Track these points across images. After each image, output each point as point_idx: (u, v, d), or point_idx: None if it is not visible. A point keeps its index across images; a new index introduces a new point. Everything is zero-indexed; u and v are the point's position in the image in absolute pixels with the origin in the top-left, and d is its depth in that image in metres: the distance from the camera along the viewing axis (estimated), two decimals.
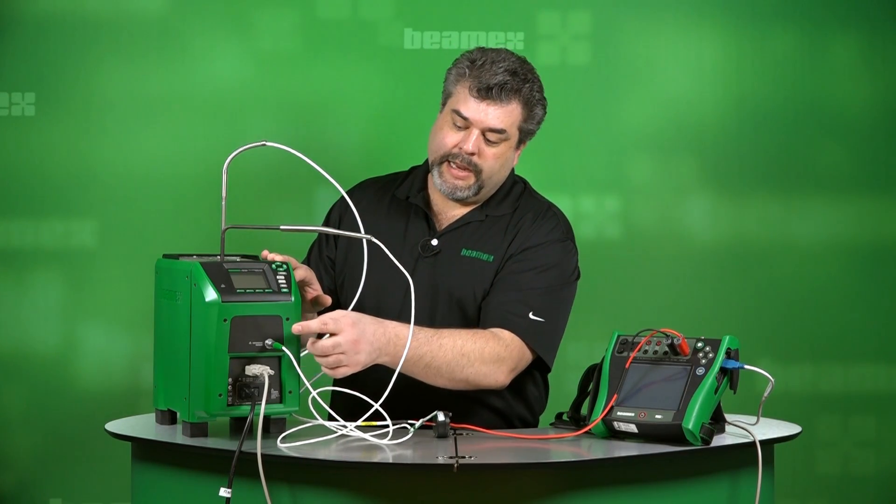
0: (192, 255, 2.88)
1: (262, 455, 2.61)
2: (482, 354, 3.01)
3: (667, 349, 2.86)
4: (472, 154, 3.12)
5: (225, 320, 2.70)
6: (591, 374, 2.96)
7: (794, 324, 4.21)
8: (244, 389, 2.71)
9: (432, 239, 3.20)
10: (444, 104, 3.20)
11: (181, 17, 4.04)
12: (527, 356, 3.08)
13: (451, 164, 3.15)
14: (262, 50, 4.07)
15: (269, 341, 2.73)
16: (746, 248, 4.19)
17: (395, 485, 2.66)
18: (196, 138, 4.05)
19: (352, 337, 2.81)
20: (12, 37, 4.01)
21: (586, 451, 2.79)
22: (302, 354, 2.80)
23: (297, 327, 2.77)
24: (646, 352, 2.88)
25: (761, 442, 2.80)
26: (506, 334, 3.06)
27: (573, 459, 2.73)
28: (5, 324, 4.03)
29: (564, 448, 2.81)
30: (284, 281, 2.78)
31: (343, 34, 4.08)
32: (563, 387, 3.36)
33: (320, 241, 3.29)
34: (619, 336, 2.94)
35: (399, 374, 2.89)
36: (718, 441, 2.81)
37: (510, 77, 3.12)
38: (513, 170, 3.25)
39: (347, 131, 4.09)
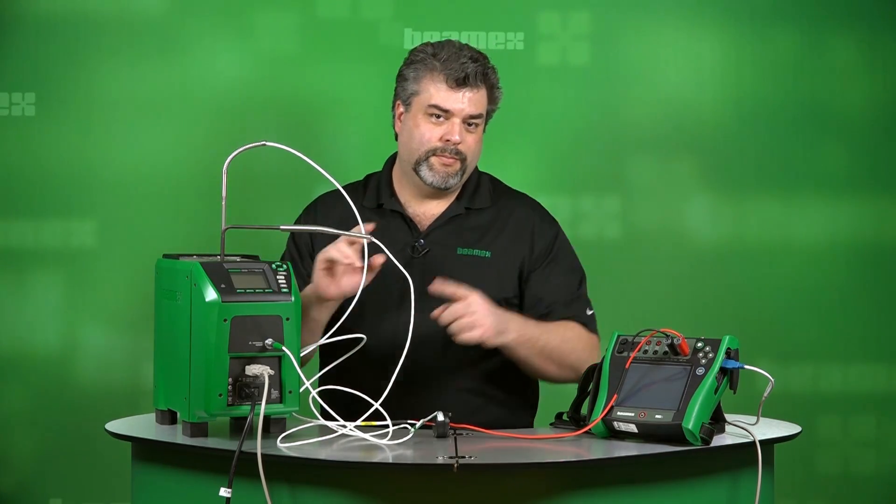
0: (192, 255, 2.88)
1: (262, 455, 2.61)
2: (580, 343, 3.19)
3: (667, 349, 2.86)
4: (458, 143, 3.20)
5: (225, 320, 2.70)
6: (592, 374, 2.96)
7: (794, 324, 4.21)
8: (244, 389, 2.71)
9: (418, 240, 3.22)
10: (405, 103, 3.24)
11: (181, 18, 4.04)
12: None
13: (440, 155, 3.21)
14: (262, 50, 4.07)
15: (269, 341, 2.73)
16: (746, 248, 4.19)
17: (395, 485, 2.66)
18: (196, 138, 4.05)
19: (481, 301, 2.99)
20: (12, 37, 4.01)
21: (586, 451, 2.79)
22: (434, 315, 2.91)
23: (435, 287, 2.97)
24: (646, 352, 2.88)
25: (761, 442, 2.80)
26: (579, 327, 3.22)
27: (573, 459, 2.73)
28: (5, 324, 4.03)
29: (564, 448, 2.81)
30: (284, 281, 2.78)
31: (343, 34, 4.08)
32: (563, 387, 3.36)
33: (294, 260, 3.26)
34: (618, 336, 2.94)
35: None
36: (718, 441, 2.81)
37: (476, 63, 3.21)
38: None
39: (347, 131, 4.09)
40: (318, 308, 3.05)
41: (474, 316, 2.99)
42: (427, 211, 3.28)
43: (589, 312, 3.26)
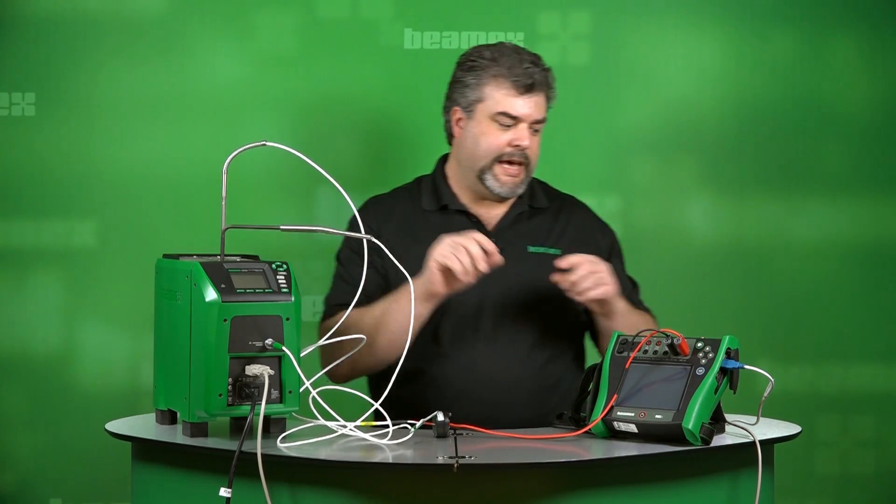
0: (192, 255, 2.88)
1: (262, 455, 2.61)
2: (654, 323, 3.31)
3: (667, 349, 2.86)
4: (527, 147, 3.24)
5: (225, 320, 2.71)
6: (592, 374, 2.96)
7: (794, 324, 4.21)
8: (244, 389, 2.71)
9: (490, 238, 3.25)
10: (466, 109, 3.26)
11: (181, 18, 4.04)
12: None
13: (504, 163, 3.24)
14: (262, 50, 4.07)
15: (269, 341, 2.73)
16: (746, 248, 4.19)
17: (395, 485, 2.66)
18: (196, 138, 4.05)
19: (602, 261, 3.12)
20: (12, 37, 4.01)
21: (586, 451, 2.80)
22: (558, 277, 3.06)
23: (564, 262, 3.08)
24: (646, 352, 2.88)
25: (761, 442, 2.81)
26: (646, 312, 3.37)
27: (573, 459, 2.74)
28: (5, 324, 4.03)
29: (564, 448, 2.81)
30: (284, 281, 2.78)
31: (343, 34, 4.08)
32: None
33: (361, 257, 3.27)
34: (619, 336, 2.94)
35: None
36: (718, 441, 2.81)
37: (537, 68, 3.26)
38: None
39: (347, 131, 4.09)
40: (423, 304, 3.07)
41: (601, 273, 3.09)
42: (490, 211, 3.32)
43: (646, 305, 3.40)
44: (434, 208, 3.34)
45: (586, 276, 3.09)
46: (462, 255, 2.99)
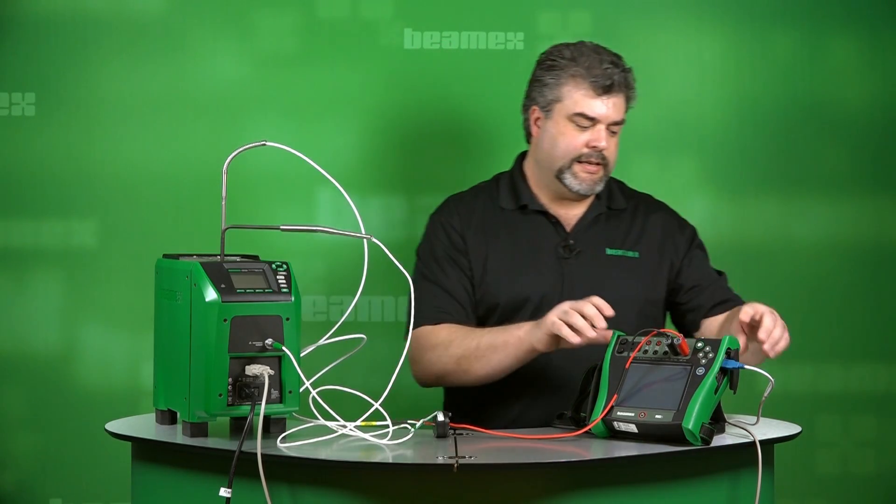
0: (192, 255, 2.88)
1: (262, 455, 2.61)
2: None
3: (667, 349, 2.86)
4: (605, 148, 3.23)
5: (225, 320, 2.71)
6: (592, 374, 2.96)
7: (794, 324, 4.19)
8: (244, 389, 2.71)
9: (569, 239, 3.25)
10: (545, 109, 3.26)
11: (181, 17, 4.04)
12: None
13: (584, 162, 3.24)
14: (262, 50, 4.07)
15: (269, 341, 2.73)
16: (746, 248, 4.18)
17: (395, 485, 2.66)
18: (196, 138, 4.04)
19: (768, 308, 3.00)
20: (12, 37, 4.01)
21: (586, 451, 2.79)
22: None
23: (745, 315, 2.96)
24: (646, 352, 2.88)
25: (761, 442, 2.80)
26: None
27: (573, 459, 2.73)
28: (5, 324, 4.03)
29: (564, 448, 2.81)
30: (284, 281, 2.78)
31: (343, 34, 4.07)
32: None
33: (449, 253, 3.30)
34: (619, 336, 2.94)
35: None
36: (718, 441, 2.81)
37: (617, 68, 3.24)
38: None
39: (347, 131, 4.09)
40: (529, 354, 3.10)
41: (781, 325, 3.02)
42: (569, 212, 3.32)
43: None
44: (513, 207, 3.34)
45: (776, 328, 3.01)
46: (576, 319, 2.95)
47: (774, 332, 2.96)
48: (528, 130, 3.34)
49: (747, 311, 2.97)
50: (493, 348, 3.13)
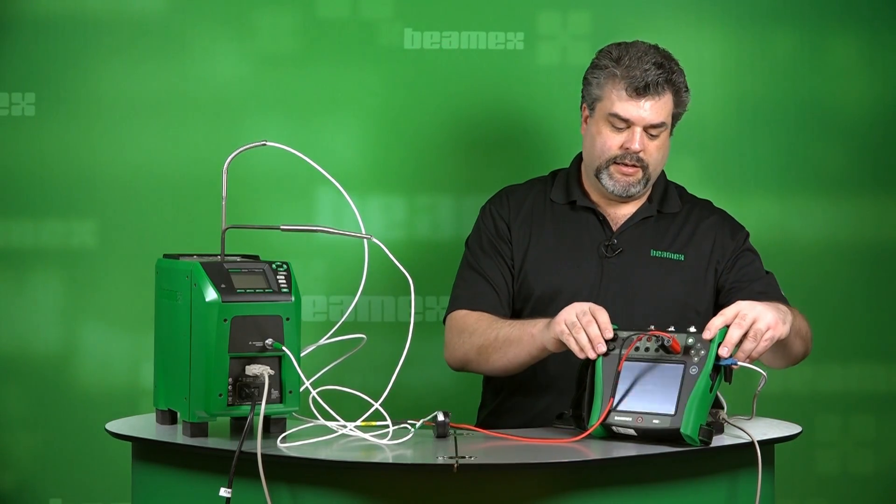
0: (192, 255, 2.88)
1: (262, 455, 2.61)
2: (808, 332, 3.18)
3: (658, 347, 2.86)
4: (639, 151, 3.19)
5: (225, 320, 2.71)
6: (587, 369, 2.94)
7: None
8: (244, 389, 2.71)
9: (613, 238, 3.24)
10: (590, 107, 3.27)
11: (181, 17, 4.04)
12: None
13: (620, 163, 3.22)
14: (262, 50, 4.07)
15: (269, 341, 2.73)
16: None
17: (395, 485, 2.66)
18: (196, 138, 4.04)
19: (746, 302, 2.84)
20: (12, 37, 4.01)
21: (586, 451, 2.79)
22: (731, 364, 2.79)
23: (707, 333, 2.80)
24: (638, 349, 2.87)
25: (761, 442, 2.80)
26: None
27: (573, 459, 2.73)
28: (5, 324, 4.03)
29: (564, 448, 2.81)
30: (284, 281, 2.78)
31: (343, 34, 4.07)
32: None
33: (492, 241, 3.31)
34: (615, 329, 2.93)
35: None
36: (718, 441, 2.81)
37: (659, 70, 3.19)
38: None
39: (347, 131, 4.09)
40: (542, 351, 3.08)
41: (754, 317, 2.81)
42: (618, 211, 3.31)
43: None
44: (563, 201, 3.34)
45: (743, 338, 2.83)
46: (580, 335, 2.92)
47: (745, 346, 2.81)
48: (582, 129, 3.36)
49: (715, 322, 2.83)
50: (509, 342, 3.13)
